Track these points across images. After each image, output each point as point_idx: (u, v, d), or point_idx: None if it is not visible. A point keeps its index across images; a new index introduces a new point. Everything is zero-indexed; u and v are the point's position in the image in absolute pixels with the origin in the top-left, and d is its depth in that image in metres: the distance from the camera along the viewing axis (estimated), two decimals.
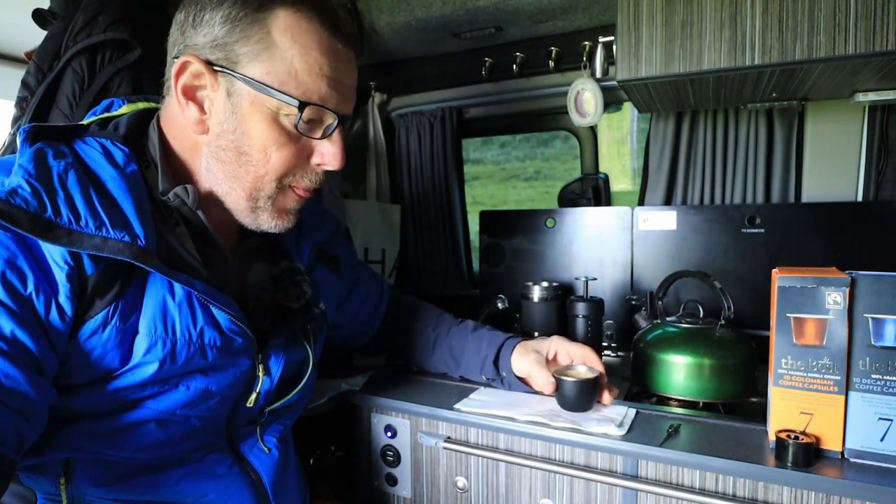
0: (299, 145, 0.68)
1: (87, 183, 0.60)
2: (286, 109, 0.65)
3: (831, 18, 0.88)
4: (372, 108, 1.71)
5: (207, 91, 0.65)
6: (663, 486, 0.78)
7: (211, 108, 0.66)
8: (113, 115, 0.73)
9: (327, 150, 0.70)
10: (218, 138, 0.66)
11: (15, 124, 0.98)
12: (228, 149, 0.66)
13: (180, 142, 0.69)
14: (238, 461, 0.75)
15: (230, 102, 0.65)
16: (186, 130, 0.68)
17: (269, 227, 0.72)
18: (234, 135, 0.66)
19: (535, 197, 2.41)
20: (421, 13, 1.31)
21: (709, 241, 1.31)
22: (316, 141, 0.69)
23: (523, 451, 0.90)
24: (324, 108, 0.66)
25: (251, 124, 0.65)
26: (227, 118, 0.65)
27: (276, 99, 0.64)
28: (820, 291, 0.73)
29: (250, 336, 0.70)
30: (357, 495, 1.07)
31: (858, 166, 1.25)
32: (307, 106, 0.64)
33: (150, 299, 0.63)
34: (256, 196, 0.69)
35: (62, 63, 0.95)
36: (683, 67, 0.98)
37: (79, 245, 0.56)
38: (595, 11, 1.27)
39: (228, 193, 0.69)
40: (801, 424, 0.75)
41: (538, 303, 1.29)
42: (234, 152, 0.66)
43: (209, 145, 0.67)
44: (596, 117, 1.39)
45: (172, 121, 0.70)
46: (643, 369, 1.05)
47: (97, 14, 0.97)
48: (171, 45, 0.69)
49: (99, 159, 0.64)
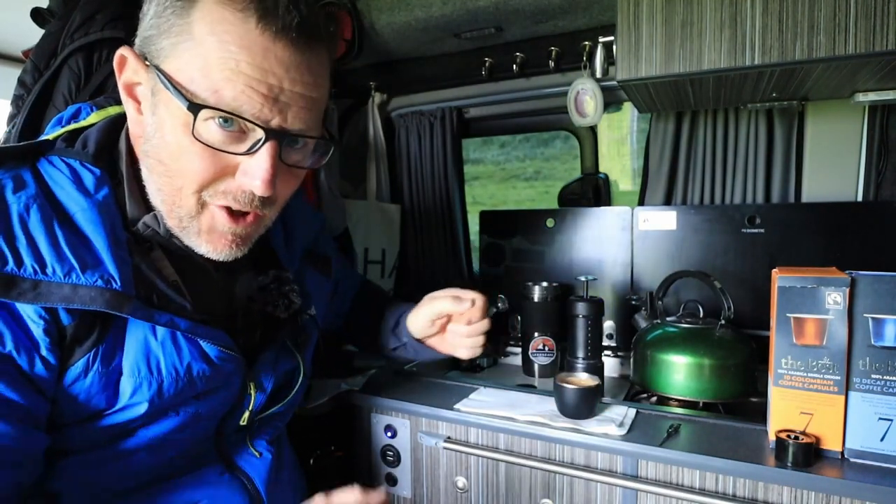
0: (218, 159, 0.57)
1: (52, 218, 0.55)
2: (203, 115, 0.54)
3: (831, 18, 0.88)
4: (372, 108, 1.71)
5: (142, 88, 0.58)
6: (663, 486, 0.78)
7: (145, 107, 0.59)
8: (81, 125, 0.66)
9: (250, 170, 0.58)
10: (145, 143, 0.59)
11: (11, 122, 0.97)
12: (151, 155, 0.59)
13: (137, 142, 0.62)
14: (229, 468, 0.73)
15: (153, 102, 0.57)
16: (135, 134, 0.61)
17: (206, 253, 0.63)
18: (155, 139, 0.58)
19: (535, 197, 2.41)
20: (421, 13, 1.31)
21: (709, 241, 1.31)
22: (233, 157, 0.58)
23: (523, 451, 0.90)
24: (232, 116, 0.55)
25: (166, 127, 0.56)
26: (150, 120, 0.58)
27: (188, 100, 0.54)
28: (820, 291, 0.73)
29: (240, 359, 0.68)
30: None
31: (858, 166, 1.25)
32: (201, 108, 0.54)
33: (131, 340, 0.59)
34: (179, 214, 0.60)
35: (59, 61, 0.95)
36: (683, 67, 0.98)
37: (46, 299, 0.52)
38: (595, 11, 1.27)
39: (158, 208, 0.62)
40: (801, 424, 0.75)
41: (538, 303, 1.29)
42: (155, 159, 0.59)
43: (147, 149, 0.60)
44: (596, 117, 1.39)
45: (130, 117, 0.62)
46: (643, 369, 1.05)
47: (95, 13, 0.97)
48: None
49: (66, 185, 0.58)
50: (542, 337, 1.27)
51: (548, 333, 1.28)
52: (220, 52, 0.53)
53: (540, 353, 1.28)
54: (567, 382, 0.89)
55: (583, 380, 0.91)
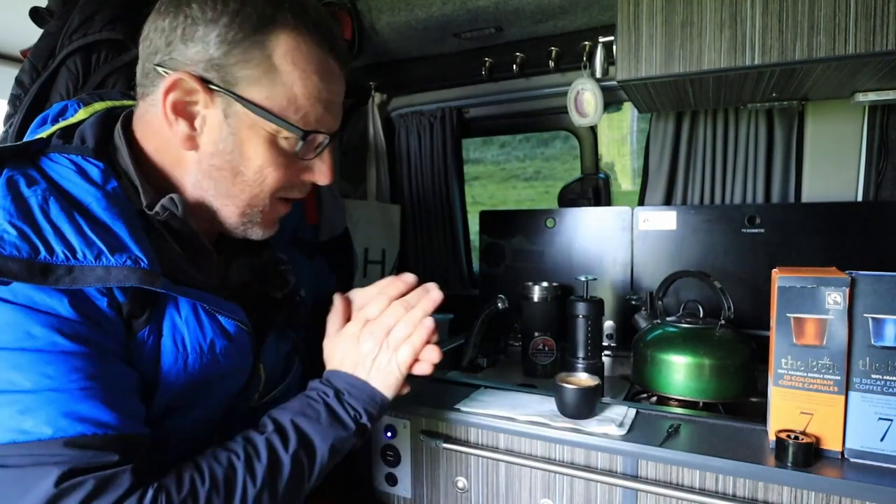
0: (294, 165, 0.67)
1: (71, 209, 0.56)
2: (285, 133, 0.63)
3: (831, 18, 0.88)
4: (372, 108, 1.71)
5: (200, 108, 0.62)
6: (663, 486, 0.78)
7: (203, 125, 0.63)
8: (71, 122, 0.68)
9: (318, 168, 0.70)
10: (212, 157, 0.64)
11: (8, 122, 0.97)
12: (224, 168, 0.64)
13: (163, 154, 0.66)
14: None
15: (227, 124, 0.62)
16: (171, 143, 0.64)
17: (255, 236, 0.71)
18: (231, 155, 0.63)
19: (535, 197, 2.41)
20: (421, 13, 1.31)
21: (709, 241, 1.31)
22: (303, 162, 0.68)
23: (523, 451, 0.90)
24: (317, 137, 0.66)
25: (249, 147, 0.63)
26: (224, 139, 0.63)
27: (275, 125, 0.62)
28: (820, 291, 0.73)
29: (252, 335, 0.70)
30: (357, 495, 1.07)
31: (858, 166, 1.25)
32: (310, 134, 0.64)
33: (166, 318, 0.62)
34: (250, 212, 0.68)
35: (57, 61, 0.95)
36: (683, 67, 0.98)
37: (83, 282, 0.53)
38: (595, 11, 1.27)
39: (220, 209, 0.68)
40: (801, 424, 0.75)
41: (538, 303, 1.29)
42: (230, 172, 0.64)
43: (200, 162, 0.64)
44: (596, 117, 1.39)
45: (154, 132, 0.65)
46: (643, 369, 1.05)
47: (93, 14, 0.97)
48: (149, 50, 0.63)
49: (75, 179, 0.59)
50: (542, 337, 1.27)
51: (548, 333, 1.28)
52: (304, 83, 0.63)
53: (540, 353, 1.28)
54: (567, 382, 0.89)
55: (583, 380, 0.91)
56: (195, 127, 0.63)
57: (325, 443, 0.66)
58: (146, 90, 0.64)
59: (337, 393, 0.70)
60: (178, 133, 0.62)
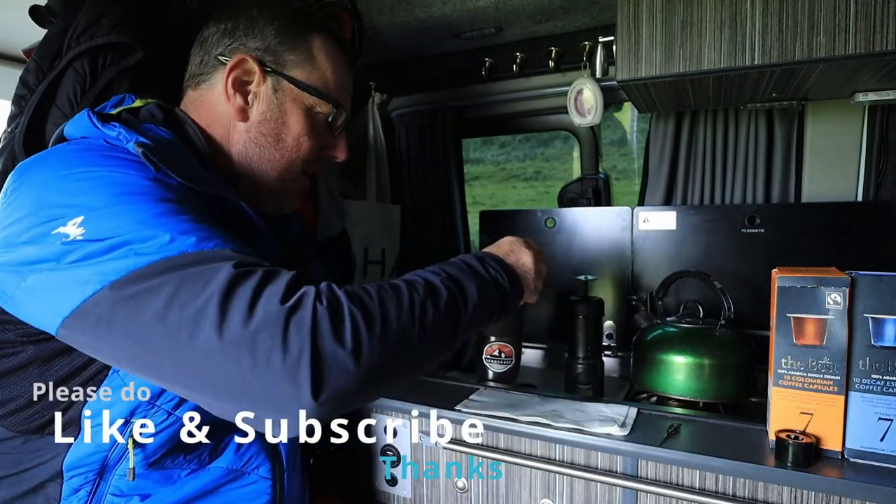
0: (321, 139, 0.83)
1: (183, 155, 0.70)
2: (319, 108, 0.80)
3: (831, 18, 0.88)
4: (372, 108, 1.71)
5: (253, 86, 0.77)
6: (663, 486, 0.78)
7: (254, 100, 0.78)
8: (133, 106, 0.78)
9: (338, 144, 0.86)
10: (260, 125, 0.78)
11: (13, 122, 0.97)
12: (269, 135, 0.79)
13: (214, 129, 0.79)
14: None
15: (275, 97, 0.78)
16: (223, 118, 0.78)
17: (286, 207, 0.85)
18: (275, 123, 0.78)
19: (535, 197, 2.40)
20: (421, 13, 1.31)
21: (709, 241, 1.31)
22: (328, 137, 0.84)
23: (523, 451, 0.90)
24: (343, 111, 0.84)
25: (291, 116, 0.79)
26: (271, 109, 0.78)
27: (313, 98, 0.79)
28: (820, 291, 0.73)
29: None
30: (357, 495, 1.07)
31: (858, 166, 1.25)
32: (339, 107, 0.82)
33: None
34: (285, 177, 0.81)
35: (64, 63, 0.95)
36: (683, 67, 0.98)
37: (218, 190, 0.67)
38: (595, 11, 1.27)
39: (261, 174, 0.80)
40: (801, 424, 0.75)
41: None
42: (273, 138, 0.79)
43: (248, 131, 0.78)
44: (596, 117, 1.39)
45: (208, 110, 0.79)
46: (643, 369, 1.05)
47: (100, 16, 0.97)
48: (209, 44, 0.79)
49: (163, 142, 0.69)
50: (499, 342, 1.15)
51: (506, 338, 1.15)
52: (333, 70, 0.81)
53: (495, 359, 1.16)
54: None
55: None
56: (248, 101, 0.77)
57: (471, 283, 0.68)
58: (203, 77, 0.79)
59: (477, 258, 0.74)
60: (235, 104, 0.77)
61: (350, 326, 0.53)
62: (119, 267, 0.53)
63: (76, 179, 0.59)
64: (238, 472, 0.73)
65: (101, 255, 0.53)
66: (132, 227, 0.55)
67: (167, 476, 0.69)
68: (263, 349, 0.50)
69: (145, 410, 0.65)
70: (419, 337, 0.59)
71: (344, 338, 0.52)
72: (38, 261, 0.55)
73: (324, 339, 0.51)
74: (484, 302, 0.69)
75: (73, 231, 0.55)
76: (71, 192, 0.58)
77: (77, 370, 0.63)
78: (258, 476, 0.75)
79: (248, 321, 0.50)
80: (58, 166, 0.61)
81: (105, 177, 0.59)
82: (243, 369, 0.50)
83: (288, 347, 0.50)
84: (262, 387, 0.50)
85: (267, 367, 0.50)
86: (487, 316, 0.71)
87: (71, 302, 0.53)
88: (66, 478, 0.64)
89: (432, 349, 0.63)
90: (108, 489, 0.66)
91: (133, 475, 0.65)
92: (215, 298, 0.51)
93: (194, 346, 0.50)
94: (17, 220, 0.58)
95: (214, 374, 0.51)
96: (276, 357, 0.50)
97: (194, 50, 0.81)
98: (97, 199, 0.57)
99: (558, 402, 0.94)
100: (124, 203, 0.57)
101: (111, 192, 0.58)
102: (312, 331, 0.51)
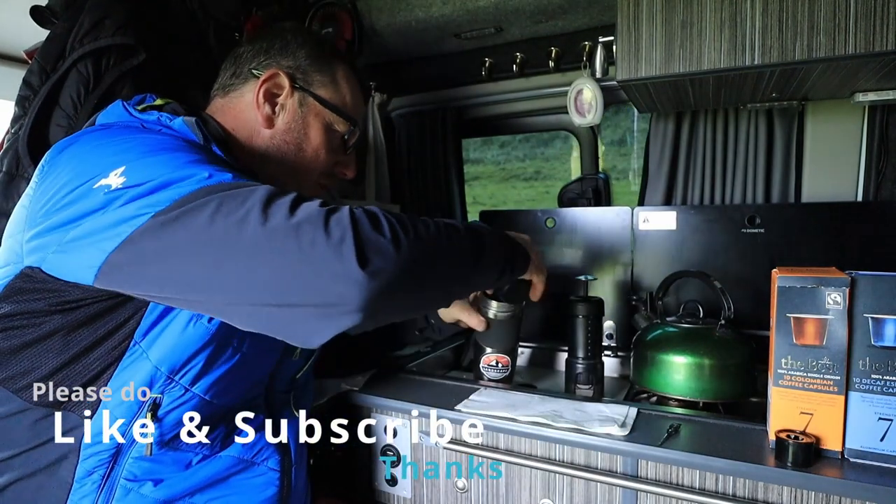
0: (336, 153, 0.90)
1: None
2: (337, 125, 0.88)
3: (831, 18, 0.88)
4: (372, 108, 1.71)
5: (282, 98, 0.85)
6: (663, 486, 0.78)
7: (281, 111, 0.85)
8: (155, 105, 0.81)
9: (349, 162, 0.95)
10: (284, 133, 0.85)
11: (16, 123, 0.97)
12: (291, 143, 0.86)
13: (238, 132, 0.84)
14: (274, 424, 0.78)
15: (300, 111, 0.86)
16: (249, 123, 0.84)
17: None
18: (298, 134, 0.86)
19: (535, 197, 2.40)
20: (421, 13, 1.31)
21: (709, 241, 1.31)
22: (342, 153, 0.92)
23: (523, 451, 0.90)
24: (357, 130, 0.92)
25: (313, 129, 0.87)
26: (295, 120, 0.86)
27: (333, 115, 0.87)
28: (820, 291, 0.73)
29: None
30: (357, 495, 1.07)
31: (858, 166, 1.25)
32: (356, 125, 0.91)
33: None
34: (304, 186, 0.86)
35: (67, 64, 0.96)
36: (683, 67, 0.98)
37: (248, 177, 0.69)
38: (595, 11, 1.27)
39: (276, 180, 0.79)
40: (801, 424, 0.75)
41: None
42: (295, 146, 0.86)
43: (273, 138, 0.85)
44: (596, 117, 1.39)
45: (235, 116, 0.85)
46: (643, 369, 1.05)
47: (103, 18, 0.97)
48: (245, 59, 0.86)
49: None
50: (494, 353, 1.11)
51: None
52: (352, 96, 0.91)
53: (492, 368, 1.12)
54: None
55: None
56: (275, 111, 0.85)
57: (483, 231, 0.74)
58: (233, 87, 0.86)
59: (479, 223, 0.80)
60: (263, 112, 0.84)
61: (387, 225, 0.57)
62: (162, 199, 0.56)
63: (114, 143, 0.64)
64: (248, 463, 0.76)
65: (145, 196, 0.56)
66: (171, 170, 0.58)
67: (180, 459, 0.70)
68: (307, 236, 0.52)
69: (163, 386, 0.66)
70: (448, 249, 0.65)
71: (383, 230, 0.56)
72: (83, 214, 0.57)
73: (364, 228, 0.55)
74: (499, 243, 0.77)
75: (115, 181, 0.58)
76: (109, 154, 0.62)
77: (99, 340, 0.64)
78: (267, 468, 0.77)
79: (291, 217, 0.53)
80: (94, 139, 0.66)
81: (142, 139, 0.65)
82: (289, 258, 0.52)
83: (330, 233, 0.53)
84: (310, 272, 0.52)
85: (312, 249, 0.52)
86: (502, 262, 0.78)
87: (118, 236, 0.55)
88: (83, 457, 0.65)
89: (458, 269, 0.68)
90: (122, 473, 0.66)
91: (150, 450, 0.66)
92: (257, 207, 0.54)
93: (240, 244, 0.53)
94: (58, 189, 0.60)
95: (260, 269, 0.53)
96: (320, 240, 0.52)
97: (226, 64, 0.89)
98: (136, 153, 0.61)
99: (558, 402, 0.94)
100: (162, 153, 0.62)
101: (149, 148, 0.62)
102: (353, 223, 0.54)
